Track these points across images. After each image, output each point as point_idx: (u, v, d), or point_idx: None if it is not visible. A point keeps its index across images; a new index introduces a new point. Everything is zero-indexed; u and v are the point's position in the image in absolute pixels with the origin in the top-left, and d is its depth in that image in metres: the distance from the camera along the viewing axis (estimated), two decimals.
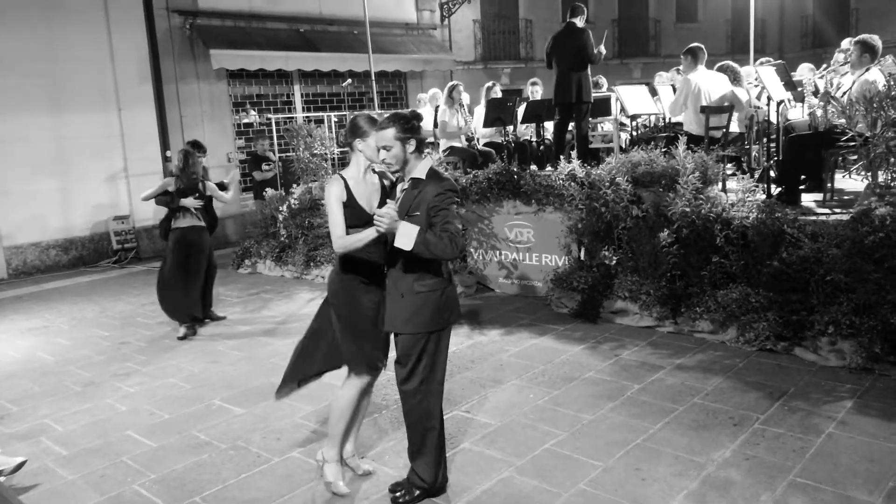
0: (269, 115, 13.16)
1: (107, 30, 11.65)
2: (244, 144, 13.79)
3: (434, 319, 3.48)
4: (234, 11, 13.37)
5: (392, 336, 3.65)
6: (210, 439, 4.59)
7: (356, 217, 3.57)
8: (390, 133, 3.37)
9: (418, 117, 3.47)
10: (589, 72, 7.93)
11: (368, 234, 3.41)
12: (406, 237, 3.24)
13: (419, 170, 3.44)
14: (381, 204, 3.62)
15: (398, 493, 3.66)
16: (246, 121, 13.75)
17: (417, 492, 3.64)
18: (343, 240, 3.55)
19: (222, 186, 7.63)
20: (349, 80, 13.48)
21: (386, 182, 3.74)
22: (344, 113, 13.88)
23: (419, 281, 3.44)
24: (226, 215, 13.49)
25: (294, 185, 10.13)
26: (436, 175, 3.45)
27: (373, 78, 11.31)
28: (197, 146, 7.51)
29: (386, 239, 3.37)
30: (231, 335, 6.97)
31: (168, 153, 12.50)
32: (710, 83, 7.27)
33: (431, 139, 9.87)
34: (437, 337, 3.53)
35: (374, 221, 3.28)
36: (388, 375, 5.46)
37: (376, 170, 3.67)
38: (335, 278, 3.81)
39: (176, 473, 4.15)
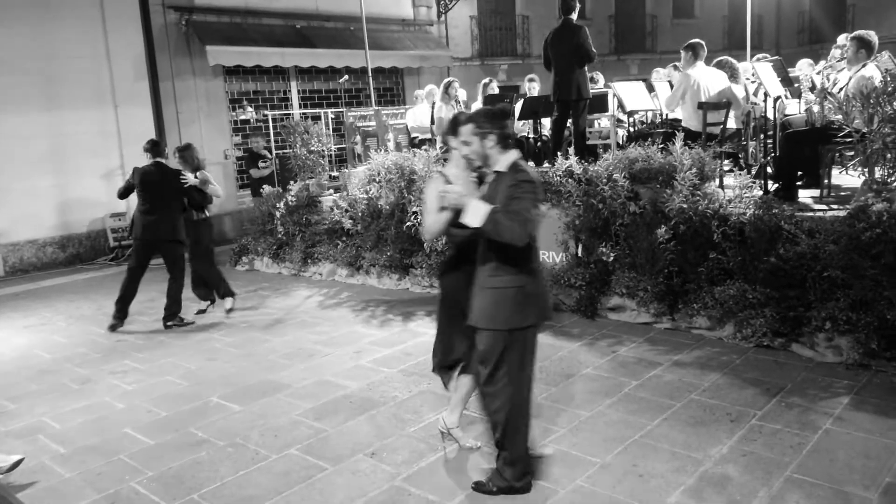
0: (266, 112, 13.15)
1: (102, 27, 11.62)
2: (241, 141, 13.77)
3: (511, 317, 3.37)
4: (230, 7, 13.34)
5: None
6: (208, 437, 4.59)
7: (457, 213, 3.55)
8: (468, 128, 3.41)
9: (504, 114, 3.47)
10: (586, 68, 7.91)
11: (442, 215, 3.47)
12: (475, 213, 3.20)
13: (501, 163, 3.41)
14: None
15: (482, 487, 3.65)
16: (243, 117, 13.73)
17: (497, 488, 3.61)
18: (428, 225, 3.65)
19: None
20: (346, 77, 13.47)
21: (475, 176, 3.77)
22: (341, 109, 13.86)
23: (494, 276, 3.38)
24: (223, 212, 13.49)
25: (291, 182, 10.11)
26: (516, 168, 3.39)
27: (370, 74, 11.29)
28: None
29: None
30: (228, 332, 6.97)
31: (165, 150, 12.47)
32: (709, 79, 7.27)
33: (428, 136, 9.87)
34: (520, 336, 3.41)
35: (440, 197, 3.32)
36: (387, 373, 5.48)
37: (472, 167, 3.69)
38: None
39: (173, 471, 4.15)
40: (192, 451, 4.38)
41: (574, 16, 7.81)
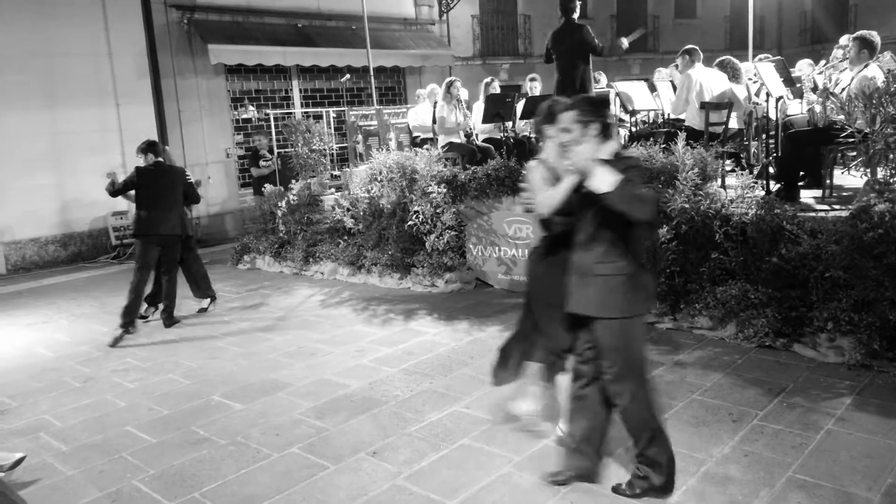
0: (268, 111, 13.16)
1: (104, 25, 11.63)
2: (242, 140, 13.78)
3: (626, 305, 3.27)
4: (231, 6, 13.35)
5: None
6: (209, 435, 4.59)
7: None
8: (570, 116, 3.32)
9: (604, 102, 3.42)
10: (590, 67, 7.90)
11: (563, 185, 3.38)
12: (604, 178, 3.05)
13: (603, 153, 3.28)
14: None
15: (624, 487, 3.56)
16: (244, 116, 13.74)
17: (640, 490, 3.51)
18: (540, 197, 3.59)
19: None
20: (347, 76, 13.47)
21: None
22: (342, 108, 13.87)
23: (602, 262, 3.27)
24: (224, 211, 13.51)
25: (293, 181, 10.12)
26: (619, 157, 3.32)
27: (371, 73, 11.30)
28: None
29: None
30: (230, 331, 6.97)
31: (166, 148, 12.46)
32: (709, 79, 7.28)
33: (430, 135, 9.86)
34: (638, 324, 3.35)
35: (564, 162, 3.24)
36: (388, 372, 5.48)
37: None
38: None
39: (175, 469, 4.15)
40: (194, 450, 4.38)
41: (575, 16, 7.81)
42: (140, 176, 7.18)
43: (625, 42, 7.93)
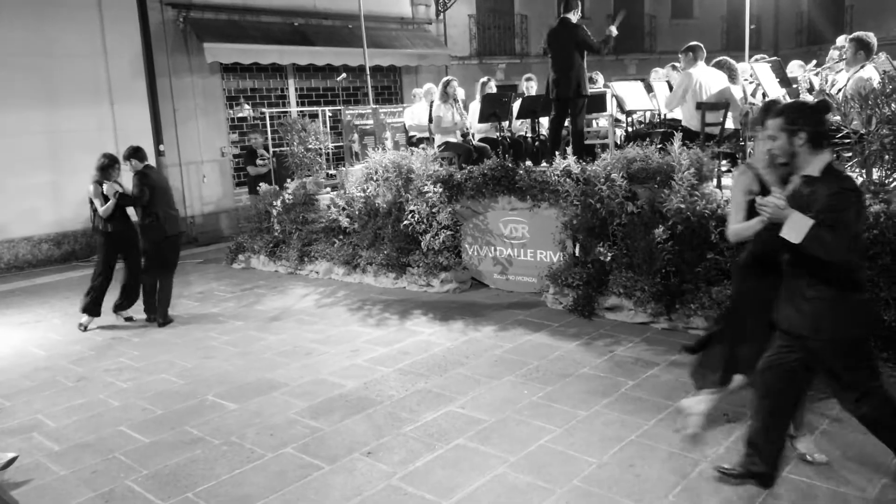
0: (264, 110, 13.09)
1: (100, 24, 11.58)
2: (238, 139, 13.74)
3: (847, 326, 3.18)
4: (227, 5, 13.30)
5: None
6: (203, 435, 4.57)
7: None
8: (777, 122, 3.18)
9: (823, 108, 3.22)
10: (585, 66, 7.89)
11: (754, 223, 3.30)
12: (796, 228, 2.98)
13: (813, 166, 3.12)
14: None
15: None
16: (240, 115, 13.69)
17: None
18: (733, 227, 3.55)
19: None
20: (344, 75, 13.43)
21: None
22: (338, 107, 13.83)
23: (811, 286, 3.17)
24: (219, 209, 13.47)
25: (288, 180, 10.09)
26: (832, 172, 3.11)
27: (367, 72, 11.27)
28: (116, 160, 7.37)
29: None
30: (225, 330, 6.95)
31: (161, 147, 12.44)
32: (709, 79, 7.27)
33: (426, 134, 9.85)
34: (863, 344, 3.24)
35: (758, 209, 3.13)
36: (383, 372, 5.47)
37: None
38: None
39: (169, 469, 4.13)
40: (188, 450, 4.37)
41: (572, 16, 7.78)
42: (153, 176, 7.24)
43: (613, 30, 7.94)
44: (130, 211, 7.26)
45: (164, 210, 7.17)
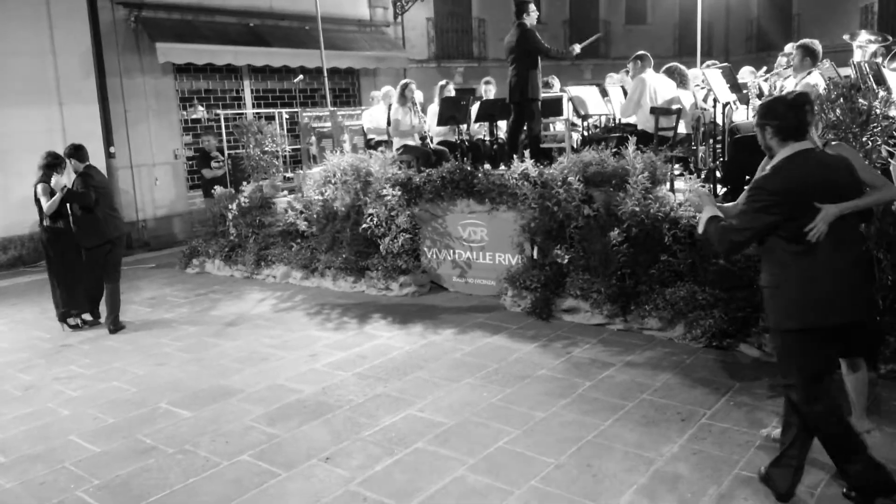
0: (218, 111, 12.90)
1: (48, 22, 11.26)
2: (192, 141, 13.50)
3: (780, 318, 3.27)
4: (181, 4, 13.07)
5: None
6: (156, 444, 4.47)
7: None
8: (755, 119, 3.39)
9: (792, 103, 3.26)
10: (538, 71, 7.95)
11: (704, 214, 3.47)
12: (701, 220, 3.42)
13: (776, 158, 3.28)
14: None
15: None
16: (194, 116, 13.45)
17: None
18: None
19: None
20: (301, 77, 13.31)
21: None
22: (295, 110, 13.70)
23: (763, 274, 3.37)
24: (173, 213, 13.21)
25: (244, 183, 9.95)
26: (778, 167, 3.24)
27: (325, 74, 11.20)
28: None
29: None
30: (178, 336, 6.82)
31: (112, 149, 12.16)
32: (660, 85, 7.44)
33: (384, 137, 9.82)
34: (792, 338, 3.25)
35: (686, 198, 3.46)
36: (342, 376, 5.43)
37: None
38: None
39: (121, 479, 4.04)
40: (140, 459, 4.27)
41: (527, 19, 7.82)
42: (97, 177, 7.10)
43: (577, 48, 8.02)
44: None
45: (104, 212, 7.03)
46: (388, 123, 9.45)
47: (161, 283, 9.40)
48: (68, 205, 7.00)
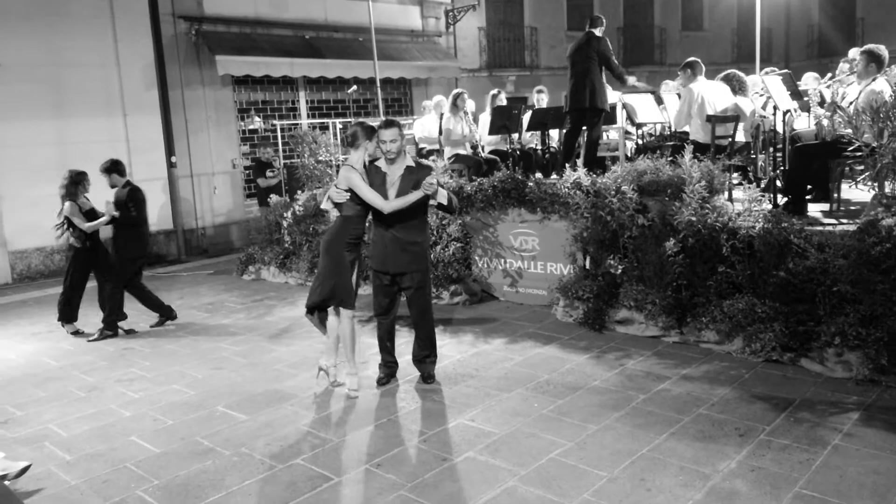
0: (274, 122, 13.19)
1: (113, 36, 11.70)
2: (249, 151, 13.82)
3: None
4: (239, 18, 13.43)
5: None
6: (214, 446, 4.58)
7: None
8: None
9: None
10: (604, 80, 7.93)
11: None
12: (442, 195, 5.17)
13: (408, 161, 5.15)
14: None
15: None
16: (251, 127, 13.78)
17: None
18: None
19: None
20: (354, 87, 13.51)
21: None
22: (349, 119, 13.90)
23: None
24: (230, 221, 13.54)
25: (298, 192, 10.13)
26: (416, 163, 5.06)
27: (378, 85, 11.33)
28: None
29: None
30: (235, 341, 6.97)
31: (174, 158, 12.53)
32: (712, 93, 7.29)
33: (436, 146, 9.88)
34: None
35: (424, 187, 5.19)
36: (393, 384, 5.45)
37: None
38: None
39: (179, 480, 4.14)
40: (198, 460, 4.37)
41: (597, 30, 7.90)
42: (141, 193, 7.42)
43: (633, 79, 8.10)
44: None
45: (146, 226, 7.50)
46: (440, 132, 9.51)
47: (219, 289, 9.64)
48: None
